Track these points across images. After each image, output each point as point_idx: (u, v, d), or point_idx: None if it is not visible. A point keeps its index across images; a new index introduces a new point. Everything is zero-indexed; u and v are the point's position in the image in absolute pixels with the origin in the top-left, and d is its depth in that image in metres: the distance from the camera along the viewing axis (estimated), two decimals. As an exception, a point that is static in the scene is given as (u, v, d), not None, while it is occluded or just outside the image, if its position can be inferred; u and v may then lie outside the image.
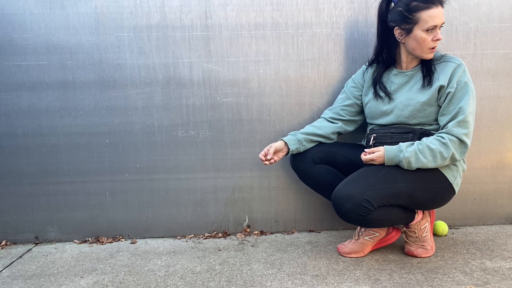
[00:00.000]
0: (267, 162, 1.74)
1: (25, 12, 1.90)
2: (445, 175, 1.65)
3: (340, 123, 1.86)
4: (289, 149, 1.78)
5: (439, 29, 1.62)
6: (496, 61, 2.03)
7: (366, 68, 1.86)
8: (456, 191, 1.70)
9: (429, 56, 1.67)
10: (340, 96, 1.91)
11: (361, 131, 1.93)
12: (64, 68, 1.95)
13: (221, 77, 2.00)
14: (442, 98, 1.63)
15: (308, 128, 1.84)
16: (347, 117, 1.86)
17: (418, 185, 1.60)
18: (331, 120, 1.86)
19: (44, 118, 1.98)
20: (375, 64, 1.84)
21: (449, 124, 1.58)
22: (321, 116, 1.91)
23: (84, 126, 1.99)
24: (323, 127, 1.83)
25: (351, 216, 1.59)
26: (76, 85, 1.97)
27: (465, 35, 2.01)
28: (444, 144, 1.56)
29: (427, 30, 1.60)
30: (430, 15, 1.58)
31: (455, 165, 1.68)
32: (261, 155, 1.75)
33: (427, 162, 1.56)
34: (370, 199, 1.56)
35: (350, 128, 1.89)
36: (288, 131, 2.02)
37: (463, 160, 1.73)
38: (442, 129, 1.62)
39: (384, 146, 1.63)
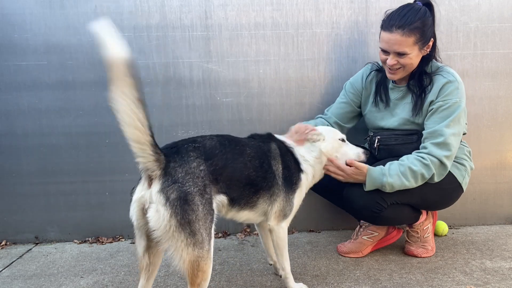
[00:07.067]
0: None
1: (25, 12, 1.90)
2: (455, 176, 1.65)
3: (334, 118, 1.83)
4: None
5: (397, 56, 1.56)
6: (496, 61, 2.03)
7: (367, 76, 1.81)
8: (464, 190, 1.71)
9: (389, 76, 1.65)
10: (339, 96, 1.90)
11: (363, 132, 1.92)
12: (64, 68, 1.95)
13: (221, 77, 1.99)
14: (430, 107, 1.60)
15: None
16: (342, 111, 1.83)
17: (430, 185, 1.59)
18: (324, 117, 1.85)
19: (44, 118, 1.98)
20: (374, 72, 1.79)
21: (429, 145, 1.55)
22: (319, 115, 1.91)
23: (84, 126, 1.99)
24: (318, 123, 1.82)
25: (364, 212, 1.60)
26: (76, 85, 1.96)
27: (465, 35, 2.01)
28: (426, 165, 1.53)
29: (382, 50, 1.61)
30: (382, 37, 1.60)
31: (462, 164, 1.68)
32: None
33: (409, 184, 1.54)
34: (384, 196, 1.56)
35: (348, 124, 1.85)
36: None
37: (469, 158, 1.73)
38: (422, 143, 1.59)
39: (367, 166, 1.55)
